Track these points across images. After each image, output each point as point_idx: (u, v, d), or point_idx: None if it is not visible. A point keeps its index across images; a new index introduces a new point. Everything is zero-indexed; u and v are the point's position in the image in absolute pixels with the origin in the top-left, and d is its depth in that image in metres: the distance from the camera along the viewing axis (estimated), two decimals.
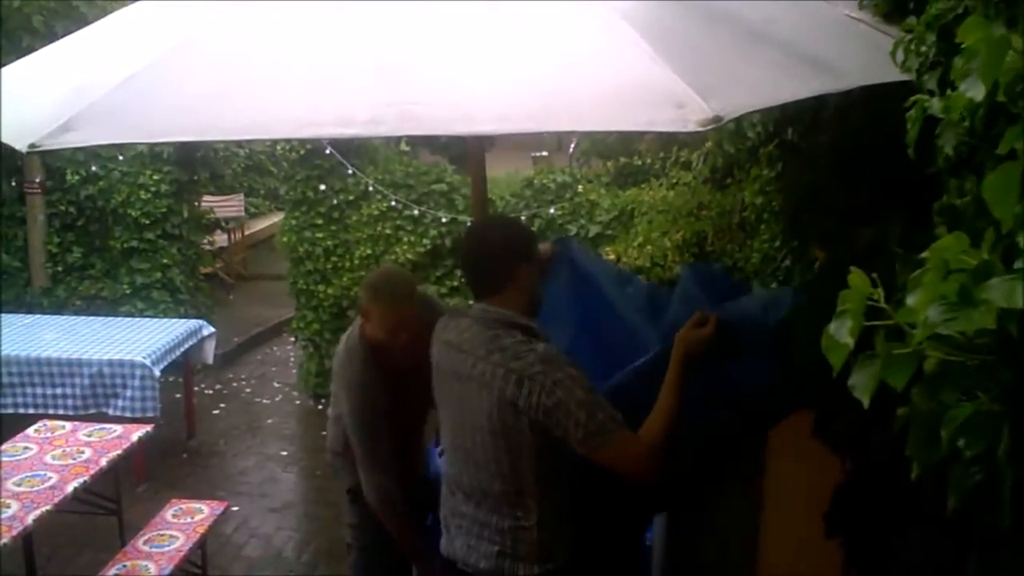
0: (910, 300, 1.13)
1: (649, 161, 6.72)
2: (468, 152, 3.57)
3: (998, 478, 1.04)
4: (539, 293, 2.54)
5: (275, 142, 7.10)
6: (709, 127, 1.69)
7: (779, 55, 2.09)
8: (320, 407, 6.89)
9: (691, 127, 1.69)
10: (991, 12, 1.31)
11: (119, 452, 4.19)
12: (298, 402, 7.11)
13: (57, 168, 7.35)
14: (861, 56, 2.25)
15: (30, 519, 3.53)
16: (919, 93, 1.69)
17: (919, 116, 1.60)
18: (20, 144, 1.98)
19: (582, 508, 2.47)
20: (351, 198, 6.63)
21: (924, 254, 1.11)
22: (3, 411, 5.53)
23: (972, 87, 1.27)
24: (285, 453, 6.24)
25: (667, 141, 6.13)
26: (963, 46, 1.23)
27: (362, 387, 3.07)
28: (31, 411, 5.45)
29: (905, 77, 1.91)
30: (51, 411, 5.43)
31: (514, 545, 2.41)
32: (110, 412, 5.51)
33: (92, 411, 5.51)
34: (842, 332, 1.14)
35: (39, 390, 5.58)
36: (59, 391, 5.57)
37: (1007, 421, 1.05)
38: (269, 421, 6.79)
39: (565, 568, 2.46)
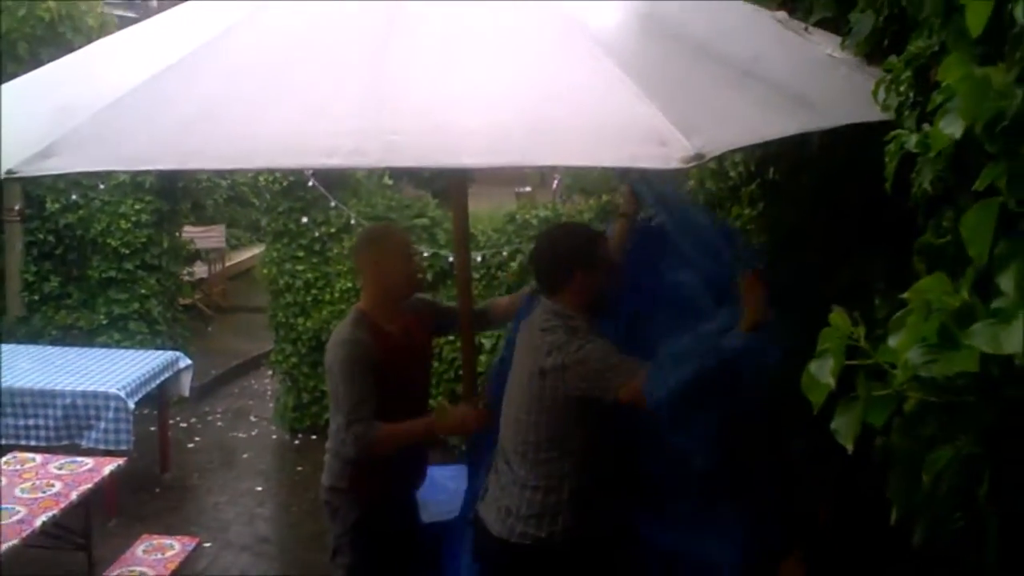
0: (892, 341, 1.12)
1: None
2: (450, 186, 3.57)
3: (979, 521, 1.02)
4: (598, 296, 2.85)
5: (257, 173, 7.08)
6: (692, 164, 1.69)
7: (763, 93, 2.10)
8: (297, 442, 6.81)
9: (674, 164, 1.69)
10: (968, 50, 1.32)
11: (90, 486, 4.12)
12: (275, 436, 7.02)
13: (37, 196, 7.29)
14: (843, 95, 2.27)
15: None
16: (899, 130, 1.70)
17: (897, 151, 1.61)
18: None
19: (582, 482, 2.76)
20: (333, 231, 6.61)
21: (906, 294, 1.10)
22: None
23: (951, 124, 1.28)
24: (260, 488, 6.15)
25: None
26: (942, 83, 1.24)
27: (352, 343, 3.09)
28: (1, 442, 5.35)
29: (886, 116, 1.93)
30: (23, 442, 5.32)
31: (519, 504, 2.76)
32: (83, 444, 5.42)
33: (65, 442, 5.41)
34: (823, 372, 1.13)
35: (11, 421, 5.47)
36: (31, 422, 5.47)
37: (988, 464, 1.04)
38: (245, 456, 6.69)
39: (559, 536, 2.75)
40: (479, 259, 6.09)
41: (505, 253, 6.20)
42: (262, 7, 2.37)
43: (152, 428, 6.42)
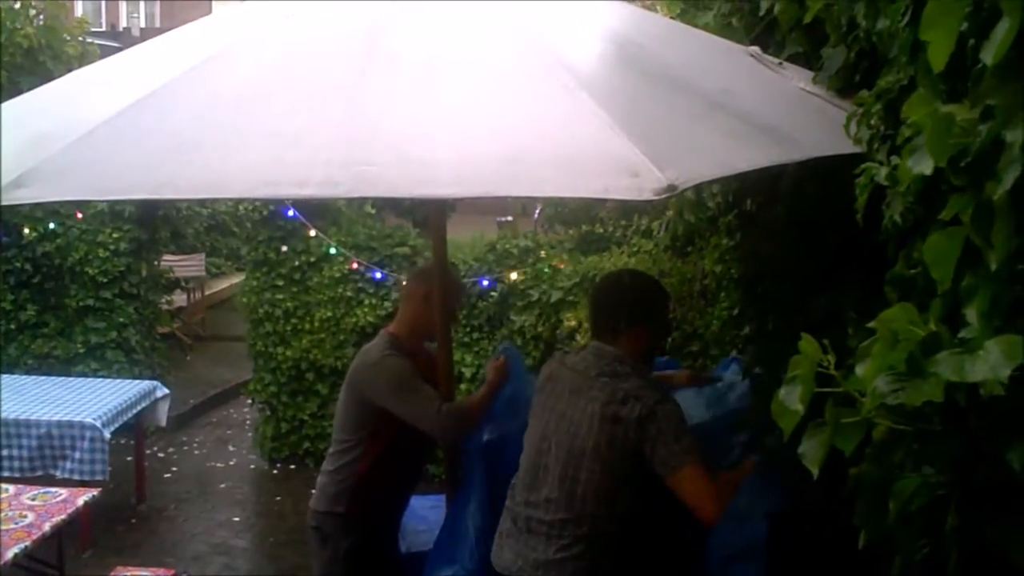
0: (859, 370, 1.13)
1: (611, 229, 6.77)
2: (429, 216, 3.58)
3: (945, 551, 1.03)
4: (652, 356, 2.80)
5: (238, 202, 7.07)
6: (664, 196, 1.70)
7: (736, 125, 2.12)
8: (275, 472, 6.76)
9: (646, 196, 1.70)
10: (934, 86, 1.34)
11: (63, 517, 4.06)
12: (253, 466, 6.96)
13: (14, 224, 7.25)
14: (816, 128, 2.30)
15: None
16: (870, 163, 1.72)
17: (868, 184, 1.63)
18: None
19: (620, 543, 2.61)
20: (313, 260, 6.60)
21: (873, 323, 1.12)
22: None
23: (920, 163, 1.29)
24: (237, 519, 6.09)
25: (628, 209, 6.19)
26: (909, 120, 1.26)
27: (395, 355, 3.16)
28: None
29: (858, 149, 1.95)
30: None
31: (559, 559, 2.56)
32: (58, 475, 5.35)
33: (39, 473, 5.35)
34: (792, 398, 1.14)
35: None
36: (5, 453, 5.40)
37: (955, 493, 1.05)
38: (222, 486, 6.63)
39: None
40: None
41: (486, 283, 6.21)
42: (239, 38, 2.38)
43: (129, 458, 6.36)
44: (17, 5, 7.12)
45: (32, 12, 7.16)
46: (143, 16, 22.04)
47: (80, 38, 7.46)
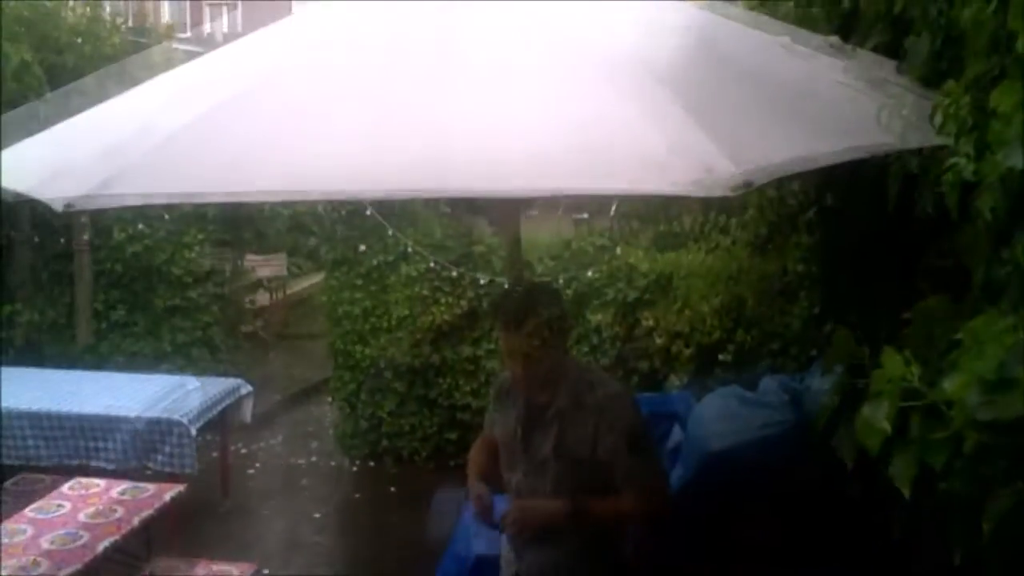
0: (947, 384, 1.07)
1: (688, 225, 6.67)
2: (502, 214, 3.57)
3: None
4: None
5: (318, 201, 7.16)
6: (739, 192, 1.66)
7: (811, 119, 2.06)
8: (355, 469, 6.84)
9: (719, 192, 1.66)
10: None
11: (151, 511, 4.18)
12: (334, 464, 7.05)
13: (105, 226, 7.48)
14: (898, 120, 2.21)
15: None
16: (956, 157, 1.64)
17: (956, 181, 1.56)
18: (57, 204, 2.02)
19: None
20: (390, 259, 6.65)
21: (959, 335, 1.06)
22: (46, 463, 5.54)
23: (1012, 156, 1.23)
24: (318, 515, 6.18)
25: (706, 205, 6.09)
26: (998, 111, 1.20)
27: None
28: (74, 462, 5.46)
29: (941, 142, 1.87)
30: (92, 463, 5.43)
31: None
32: (150, 466, 5.49)
33: (132, 463, 5.49)
34: (878, 415, 1.09)
35: (80, 443, 5.56)
36: (100, 445, 5.57)
37: None
38: (304, 482, 6.74)
39: None
40: None
41: (561, 280, 6.18)
42: (311, 45, 2.41)
43: (214, 454, 6.50)
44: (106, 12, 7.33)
45: (119, 20, 7.37)
46: (226, 21, 22.59)
47: (164, 43, 7.66)
